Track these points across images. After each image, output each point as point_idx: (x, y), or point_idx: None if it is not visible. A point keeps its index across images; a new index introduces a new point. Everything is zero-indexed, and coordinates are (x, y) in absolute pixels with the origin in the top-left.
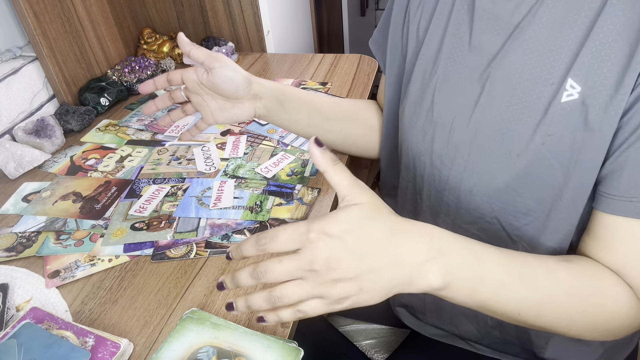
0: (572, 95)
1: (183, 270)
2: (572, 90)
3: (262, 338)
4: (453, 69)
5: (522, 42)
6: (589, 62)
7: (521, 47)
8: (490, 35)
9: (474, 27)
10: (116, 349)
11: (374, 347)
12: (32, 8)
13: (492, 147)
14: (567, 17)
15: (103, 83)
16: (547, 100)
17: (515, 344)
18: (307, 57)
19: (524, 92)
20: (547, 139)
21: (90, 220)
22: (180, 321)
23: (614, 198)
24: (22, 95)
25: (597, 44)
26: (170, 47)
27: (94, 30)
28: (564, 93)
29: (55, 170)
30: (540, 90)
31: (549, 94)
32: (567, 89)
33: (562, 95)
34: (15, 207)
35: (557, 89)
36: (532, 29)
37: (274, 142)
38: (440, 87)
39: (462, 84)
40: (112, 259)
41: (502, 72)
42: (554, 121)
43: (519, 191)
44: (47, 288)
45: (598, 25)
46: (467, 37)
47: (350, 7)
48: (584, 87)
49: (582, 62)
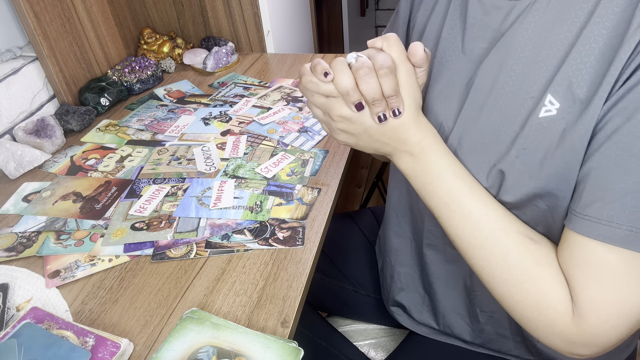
0: (550, 111)
1: (183, 270)
2: (551, 106)
3: (262, 338)
4: (443, 74)
5: (506, 52)
6: (569, 79)
7: (505, 56)
8: (479, 42)
9: (465, 33)
10: (116, 348)
11: (373, 347)
12: (32, 8)
13: (473, 157)
14: (551, 30)
15: (103, 83)
16: (526, 113)
17: (508, 337)
18: (307, 57)
19: (505, 104)
20: (522, 152)
21: (91, 220)
22: (181, 321)
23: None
24: (22, 95)
25: (577, 61)
26: (171, 47)
27: (94, 30)
28: (542, 108)
29: (55, 170)
30: (521, 102)
31: (528, 107)
32: (545, 105)
33: (541, 110)
34: (15, 207)
35: (536, 103)
36: (517, 40)
37: (274, 142)
38: (431, 91)
39: (450, 89)
40: (112, 258)
41: (486, 80)
42: (530, 136)
43: None
44: (47, 288)
45: (580, 42)
46: (460, 43)
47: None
48: (563, 104)
49: (562, 78)
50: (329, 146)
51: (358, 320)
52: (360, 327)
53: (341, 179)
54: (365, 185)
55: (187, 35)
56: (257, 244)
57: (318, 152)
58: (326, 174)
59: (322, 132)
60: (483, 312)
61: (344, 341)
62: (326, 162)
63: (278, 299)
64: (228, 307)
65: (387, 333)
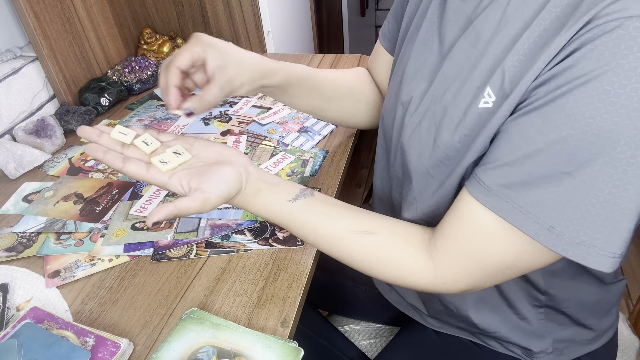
0: (488, 103)
1: (183, 270)
2: (489, 98)
3: (262, 338)
4: (422, 53)
5: (469, 39)
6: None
7: (467, 44)
8: (452, 27)
9: (443, 16)
10: (116, 348)
11: (374, 347)
12: (32, 8)
13: (426, 135)
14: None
15: (103, 83)
16: (469, 102)
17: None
18: (307, 57)
19: (457, 89)
20: (463, 138)
21: (89, 224)
22: (180, 321)
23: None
24: (22, 95)
25: (514, 58)
26: (171, 47)
27: (94, 30)
28: (482, 100)
29: (54, 172)
30: (467, 90)
31: (471, 96)
32: (484, 96)
33: (480, 101)
34: (15, 207)
35: (477, 93)
36: (480, 29)
37: (274, 142)
38: (409, 69)
39: (425, 69)
40: (112, 258)
41: (449, 65)
42: (469, 124)
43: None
44: (48, 288)
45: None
46: (437, 25)
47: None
48: (497, 98)
49: (500, 72)
50: (329, 146)
51: (358, 319)
52: (360, 326)
53: (341, 179)
54: (365, 185)
55: (187, 35)
56: (257, 244)
57: (318, 152)
58: (326, 174)
59: (322, 132)
60: None
61: (344, 340)
62: (326, 162)
63: (278, 299)
64: (228, 307)
65: (387, 333)
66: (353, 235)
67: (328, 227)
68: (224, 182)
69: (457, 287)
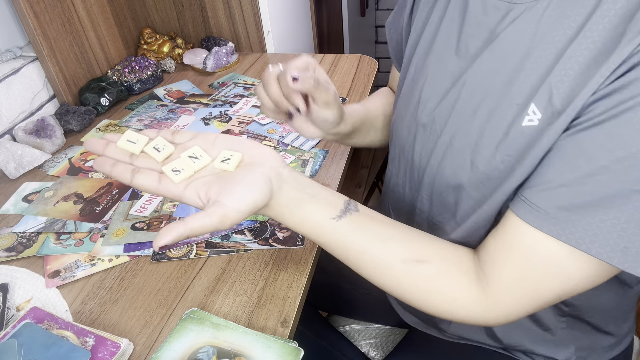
0: (533, 121)
1: (183, 270)
2: (534, 116)
3: (262, 338)
4: (439, 71)
5: (498, 54)
6: (551, 90)
7: (497, 59)
8: (474, 41)
9: (463, 31)
10: (116, 348)
11: (373, 347)
12: (32, 8)
13: (460, 157)
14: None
15: (103, 83)
16: (510, 120)
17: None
18: None
19: (493, 107)
20: (506, 158)
21: (89, 224)
22: (180, 321)
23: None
24: (22, 95)
25: (562, 73)
26: (171, 47)
27: (94, 30)
28: (526, 117)
29: (54, 173)
30: (506, 108)
31: (512, 114)
32: (528, 114)
33: (524, 119)
34: (15, 207)
35: (520, 111)
36: (509, 43)
37: (274, 142)
38: (426, 88)
39: (444, 87)
40: (112, 258)
41: (478, 80)
42: (513, 143)
43: None
44: (47, 288)
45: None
46: (455, 40)
47: (350, 7)
48: (544, 115)
49: (546, 88)
50: (329, 146)
51: (358, 320)
52: (360, 326)
53: (341, 179)
54: (365, 185)
55: (187, 35)
56: (257, 244)
57: (318, 152)
58: (326, 174)
59: None
60: None
61: (344, 341)
62: (326, 162)
63: (278, 299)
64: (228, 307)
65: (387, 333)
66: (404, 264)
67: (376, 253)
68: (249, 192)
69: (508, 319)
